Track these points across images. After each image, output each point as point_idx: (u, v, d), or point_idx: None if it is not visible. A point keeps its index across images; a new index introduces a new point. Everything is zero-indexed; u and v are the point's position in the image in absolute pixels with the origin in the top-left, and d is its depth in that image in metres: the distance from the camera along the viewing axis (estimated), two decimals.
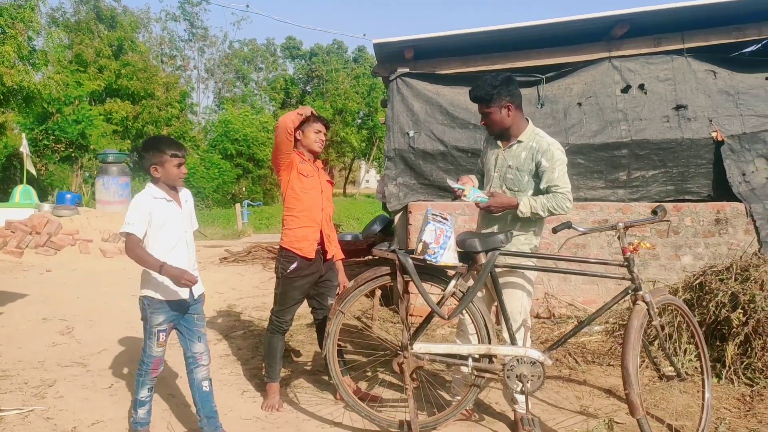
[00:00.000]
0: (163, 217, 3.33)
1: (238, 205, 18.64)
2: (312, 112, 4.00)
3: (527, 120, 3.70)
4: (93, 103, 24.88)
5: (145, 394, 3.42)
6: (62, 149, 21.76)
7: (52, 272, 8.50)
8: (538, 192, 3.57)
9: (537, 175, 3.56)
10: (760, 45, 6.95)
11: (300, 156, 4.09)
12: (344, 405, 3.84)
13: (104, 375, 4.55)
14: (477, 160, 4.12)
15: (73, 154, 22.18)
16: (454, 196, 3.67)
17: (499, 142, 3.72)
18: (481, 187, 3.87)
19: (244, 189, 29.89)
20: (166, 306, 3.34)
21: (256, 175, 30.75)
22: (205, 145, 31.31)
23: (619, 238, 3.44)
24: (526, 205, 3.49)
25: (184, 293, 3.35)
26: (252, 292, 7.80)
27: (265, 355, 4.18)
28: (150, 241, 3.29)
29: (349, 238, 10.84)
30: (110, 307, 6.61)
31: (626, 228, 3.42)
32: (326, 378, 3.39)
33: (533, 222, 3.64)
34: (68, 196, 13.52)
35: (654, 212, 3.44)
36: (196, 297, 3.45)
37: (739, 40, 6.46)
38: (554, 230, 3.50)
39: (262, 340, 5.53)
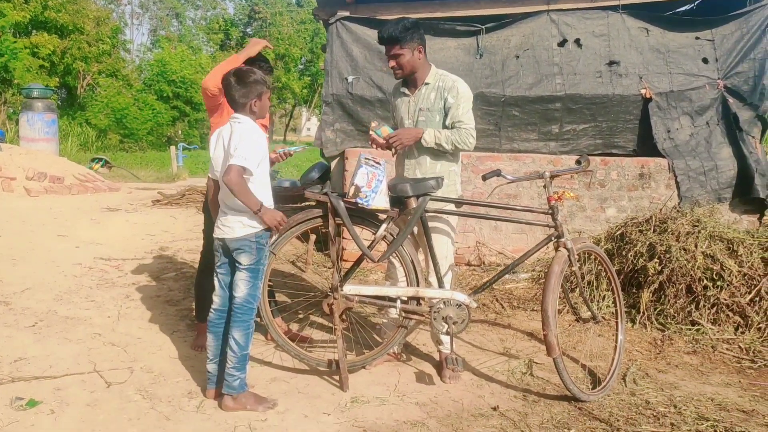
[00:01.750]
0: (264, 153, 3.18)
1: (173, 148, 18.14)
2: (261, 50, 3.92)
3: (430, 65, 3.76)
4: (18, 36, 23.42)
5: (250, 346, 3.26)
6: None
7: None
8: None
9: (446, 113, 3.65)
10: (693, 5, 7.13)
11: None
12: (275, 345, 3.89)
13: (27, 313, 4.45)
14: None
15: None
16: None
17: (406, 90, 3.78)
18: None
19: (180, 132, 29.03)
20: None
21: (193, 118, 29.88)
22: (139, 84, 30.10)
23: (545, 186, 3.55)
24: (431, 134, 3.57)
25: None
26: (185, 235, 7.69)
27: (195, 295, 4.19)
28: (253, 180, 3.09)
29: (287, 184, 10.73)
30: (35, 245, 6.41)
31: (552, 177, 3.54)
32: (257, 319, 3.44)
33: (450, 162, 3.71)
34: None
35: (578, 162, 3.57)
36: None
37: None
38: (484, 177, 3.58)
39: (194, 282, 5.53)
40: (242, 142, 3.02)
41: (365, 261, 3.66)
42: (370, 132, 3.67)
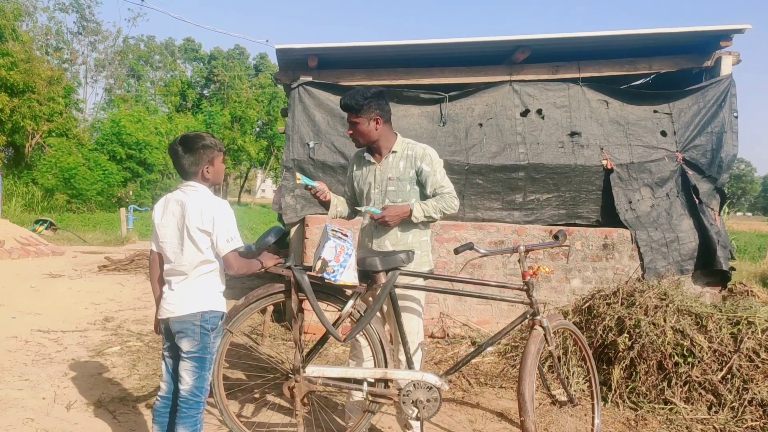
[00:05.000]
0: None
1: (123, 210, 17.60)
2: None
3: (396, 134, 3.66)
4: None
5: None
6: None
7: None
8: (423, 198, 3.54)
9: (418, 182, 3.54)
10: (649, 79, 7.31)
11: None
12: (228, 431, 3.55)
13: None
14: None
15: None
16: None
17: (372, 159, 3.64)
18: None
19: (131, 193, 28.40)
20: None
21: (146, 179, 29.34)
22: (91, 144, 29.49)
23: (519, 261, 3.40)
24: (419, 209, 3.43)
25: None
26: (132, 303, 7.28)
27: None
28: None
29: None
30: None
31: (527, 251, 3.39)
32: (209, 399, 3.12)
33: (422, 231, 3.56)
34: None
35: (555, 237, 3.44)
36: None
37: (630, 73, 6.75)
38: (456, 251, 3.42)
39: (141, 357, 5.14)
40: (220, 222, 2.82)
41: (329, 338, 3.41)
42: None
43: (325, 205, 3.72)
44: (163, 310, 2.88)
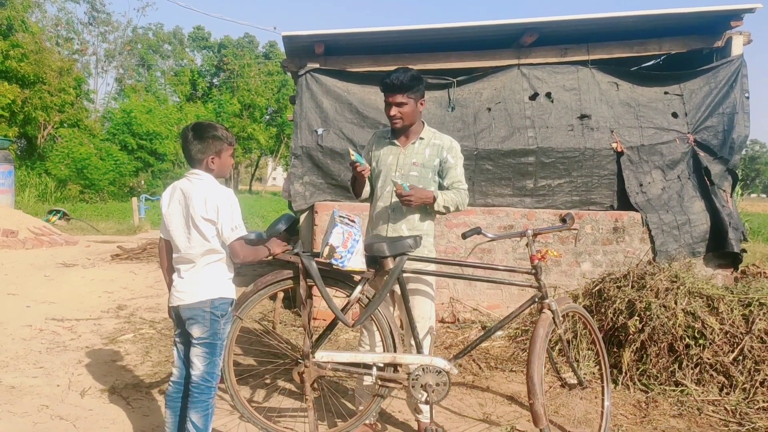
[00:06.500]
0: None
1: (134, 199, 17.67)
2: None
3: (422, 121, 3.67)
4: None
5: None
6: None
7: None
8: (440, 188, 3.55)
9: (438, 172, 3.55)
10: (660, 60, 7.23)
11: None
12: (239, 416, 3.60)
13: None
14: None
15: None
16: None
17: (396, 142, 3.62)
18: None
19: (143, 182, 28.54)
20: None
21: (157, 168, 29.46)
22: (102, 134, 29.60)
23: (527, 245, 3.39)
24: (441, 199, 3.44)
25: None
26: (145, 291, 7.34)
27: None
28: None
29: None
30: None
31: (535, 235, 3.39)
32: (221, 385, 3.16)
33: (433, 220, 3.61)
34: None
35: (563, 220, 3.43)
36: None
37: (640, 55, 6.67)
38: (464, 235, 3.42)
39: (153, 344, 5.20)
40: (223, 211, 2.83)
41: (339, 323, 3.42)
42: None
43: (356, 187, 3.73)
44: (173, 298, 2.92)
